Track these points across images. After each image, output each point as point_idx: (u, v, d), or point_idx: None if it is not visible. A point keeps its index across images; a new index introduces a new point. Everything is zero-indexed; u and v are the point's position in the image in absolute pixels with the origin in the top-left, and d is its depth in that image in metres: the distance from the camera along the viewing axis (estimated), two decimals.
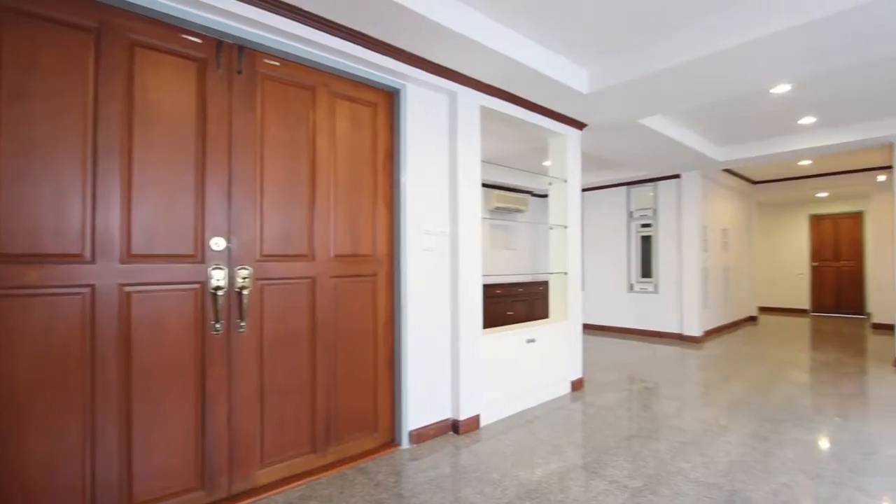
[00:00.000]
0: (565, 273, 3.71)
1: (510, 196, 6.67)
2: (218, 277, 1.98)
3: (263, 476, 2.14)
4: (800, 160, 5.82)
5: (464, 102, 2.88)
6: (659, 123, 4.11)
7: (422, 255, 2.73)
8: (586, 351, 5.26)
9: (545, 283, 6.59)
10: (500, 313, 5.97)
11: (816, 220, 8.95)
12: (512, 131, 4.37)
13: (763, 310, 9.22)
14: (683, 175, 6.04)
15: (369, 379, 2.55)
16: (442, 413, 2.83)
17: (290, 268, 2.24)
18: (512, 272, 6.87)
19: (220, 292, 1.98)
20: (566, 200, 3.70)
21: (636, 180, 6.49)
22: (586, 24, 2.58)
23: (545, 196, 7.09)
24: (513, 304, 6.27)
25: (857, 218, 8.47)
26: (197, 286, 1.95)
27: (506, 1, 2.36)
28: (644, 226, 6.52)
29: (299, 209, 2.28)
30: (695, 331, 5.92)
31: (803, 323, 7.74)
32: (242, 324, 2.05)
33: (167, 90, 1.89)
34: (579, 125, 3.79)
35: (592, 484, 2.18)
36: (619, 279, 6.73)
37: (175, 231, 1.90)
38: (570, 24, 2.58)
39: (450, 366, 2.88)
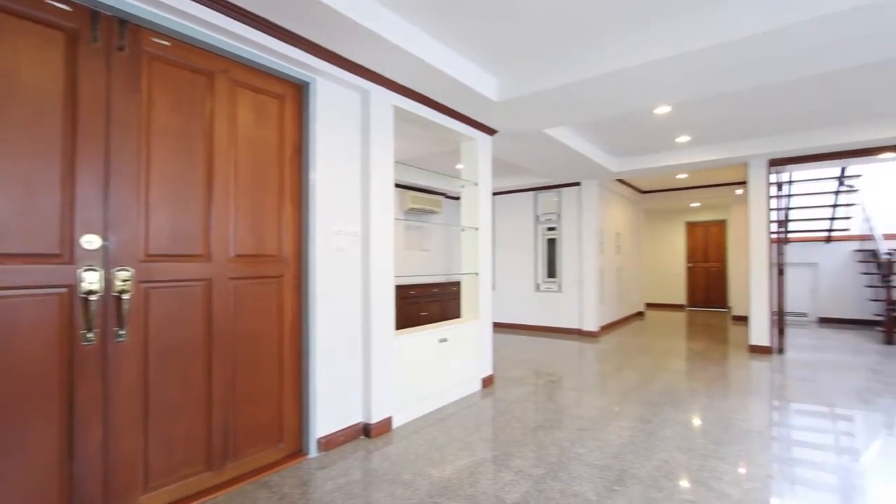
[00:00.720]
0: (476, 274, 3.83)
1: (425, 197, 6.73)
2: (91, 280, 1.74)
3: (147, 502, 1.91)
4: (677, 173, 6.61)
5: (377, 101, 2.85)
6: (562, 134, 4.41)
7: (332, 256, 2.64)
8: (497, 348, 5.47)
9: (458, 284, 6.74)
10: (414, 314, 5.99)
11: (691, 227, 10.23)
12: (426, 133, 4.42)
13: (649, 306, 10.31)
14: (583, 183, 6.56)
15: (274, 387, 2.41)
16: (353, 417, 2.77)
17: (182, 269, 2.04)
18: (426, 273, 6.93)
19: (92, 297, 1.74)
20: (477, 203, 3.83)
21: (543, 186, 6.91)
22: (496, 36, 2.69)
23: (459, 198, 7.27)
24: (427, 304, 6.33)
25: (721, 225, 9.83)
26: (63, 290, 1.70)
27: (422, 5, 2.38)
28: (549, 229, 6.96)
29: (194, 204, 2.08)
30: (592, 326, 6.44)
31: (680, 317, 8.79)
32: (122, 332, 1.82)
33: (26, 62, 1.62)
34: (490, 131, 3.94)
35: (500, 475, 2.27)
36: (527, 279, 7.10)
37: (34, 227, 1.63)
38: (482, 34, 2.67)
39: (361, 369, 2.82)
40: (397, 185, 6.43)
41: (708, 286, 9.97)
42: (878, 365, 4.66)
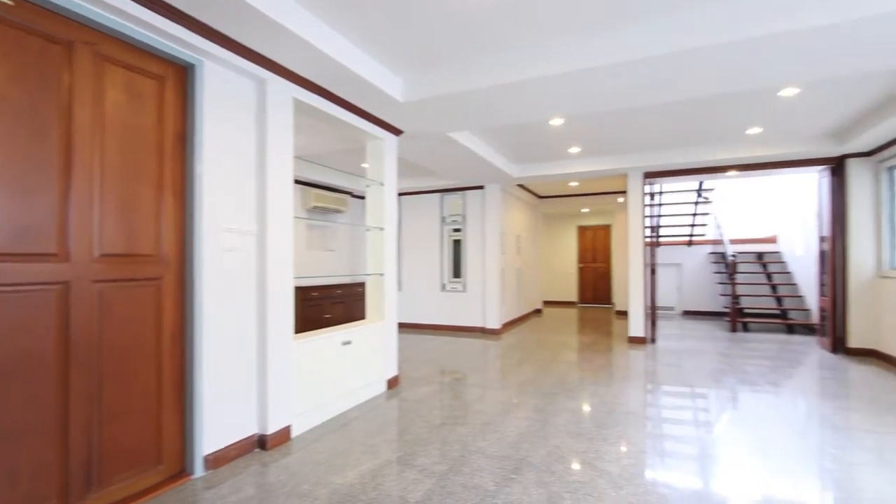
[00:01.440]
0: (382, 274, 3.79)
1: (330, 196, 6.51)
2: None
3: None
4: (570, 181, 7.18)
5: (275, 91, 2.68)
6: (466, 138, 4.55)
7: (223, 256, 2.43)
8: (403, 349, 5.47)
9: (364, 285, 6.61)
10: (317, 316, 5.76)
11: (582, 231, 11.18)
12: (331, 130, 4.27)
13: (546, 303, 11.06)
14: (487, 186, 6.83)
15: (150, 403, 2.15)
16: (246, 430, 2.57)
17: (28, 270, 1.73)
18: (330, 274, 6.69)
19: None
20: (383, 203, 3.79)
21: (448, 188, 7.06)
22: (399, 38, 2.69)
23: (365, 198, 7.15)
24: (331, 306, 6.12)
25: (607, 229, 10.89)
26: None
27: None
28: (455, 230, 7.14)
29: (44, 194, 1.78)
30: (495, 324, 6.73)
31: (573, 313, 9.56)
32: None
33: None
34: (396, 131, 3.92)
35: (404, 475, 2.27)
36: (434, 279, 7.20)
37: None
38: (386, 35, 2.65)
39: (256, 377, 2.63)
40: (300, 183, 6.13)
41: (596, 285, 10.97)
42: (726, 350, 5.50)
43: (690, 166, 5.58)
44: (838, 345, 5.21)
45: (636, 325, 5.94)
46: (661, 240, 9.06)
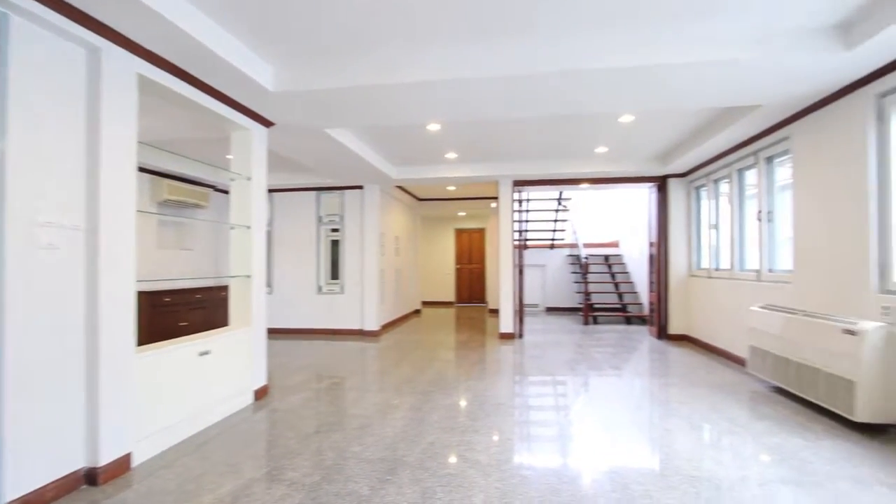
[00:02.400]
0: (248, 276, 3.48)
1: (186, 189, 5.79)
2: None
3: None
4: (448, 185, 7.45)
5: (112, 63, 2.29)
6: (345, 137, 4.43)
7: (37, 255, 1.99)
8: (274, 356, 5.10)
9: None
10: (170, 325, 5.08)
11: (459, 233, 11.68)
12: (191, 115, 3.80)
13: (425, 303, 11.30)
14: (366, 187, 6.74)
15: None
16: (70, 463, 2.14)
17: None
18: (188, 276, 5.96)
19: None
20: (250, 199, 3.49)
21: (326, 186, 6.80)
22: (270, 22, 2.50)
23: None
24: (188, 312, 5.45)
25: (481, 233, 11.54)
26: None
27: None
28: (333, 230, 6.90)
29: None
30: (374, 326, 6.66)
31: (450, 312, 9.93)
32: None
33: None
34: (266, 122, 3.65)
35: (270, 492, 2.10)
36: (309, 281, 6.86)
37: None
38: (254, 16, 2.44)
39: (85, 399, 2.21)
40: (149, 172, 5.34)
41: (472, 285, 11.55)
42: (580, 341, 6.21)
43: (552, 177, 6.19)
44: (662, 332, 6.25)
45: (506, 322, 6.39)
46: (528, 243, 9.91)
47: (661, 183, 6.18)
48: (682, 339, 6.11)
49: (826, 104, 3.31)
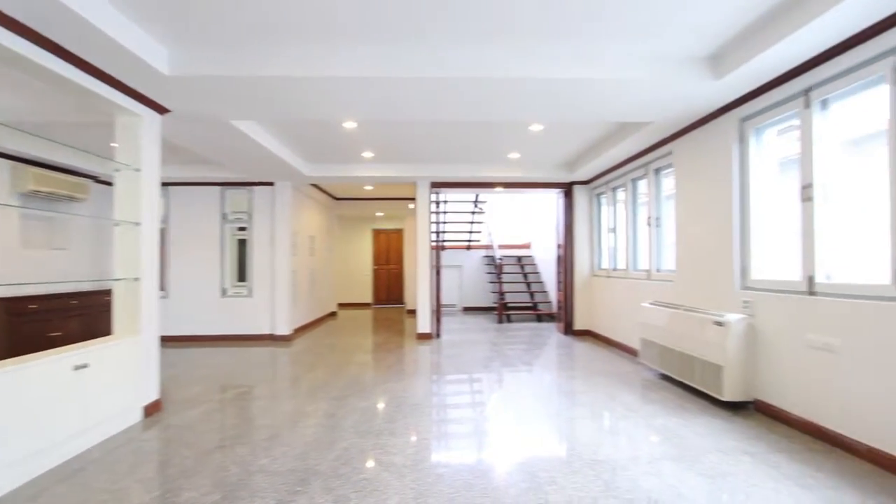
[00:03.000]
0: (137, 279, 3.13)
1: (59, 179, 5.05)
2: None
3: None
4: (365, 185, 7.32)
5: None
6: (253, 130, 4.16)
7: None
8: (170, 366, 4.64)
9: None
10: (38, 335, 4.40)
11: (377, 234, 11.54)
12: (67, 95, 3.31)
13: (341, 305, 11.00)
14: (277, 183, 6.38)
15: None
16: None
17: None
18: (59, 279, 5.19)
19: None
20: (139, 193, 3.14)
21: (231, 182, 6.33)
22: (172, 1, 2.28)
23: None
24: (62, 321, 4.76)
25: (399, 233, 11.51)
26: None
27: None
28: (240, 229, 6.44)
29: None
30: (285, 330, 6.33)
31: (368, 314, 9.77)
32: None
33: None
34: (161, 108, 3.31)
35: None
36: (213, 284, 6.34)
37: None
38: None
39: None
40: (10, 158, 4.57)
41: (389, 286, 11.46)
42: (494, 339, 6.45)
43: (469, 180, 6.35)
44: (568, 328, 6.70)
45: (424, 323, 6.42)
46: (445, 244, 10.08)
47: (568, 189, 6.63)
48: (586, 334, 6.60)
49: (702, 124, 3.78)
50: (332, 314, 9.34)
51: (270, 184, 6.39)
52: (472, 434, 2.83)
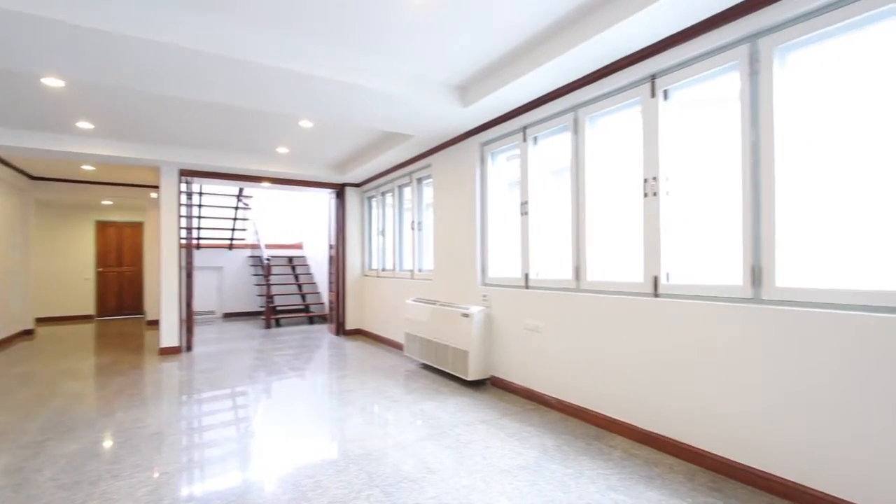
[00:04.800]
0: None
1: None
2: None
3: None
4: (82, 164, 5.74)
5: None
6: None
7: None
8: None
9: None
10: None
11: (102, 227, 9.16)
12: None
13: (43, 320, 8.33)
14: None
15: None
16: None
17: None
18: None
19: None
20: None
21: None
22: None
23: None
24: None
25: (138, 227, 9.44)
26: None
27: None
28: None
29: None
30: None
31: (88, 329, 7.65)
32: None
33: None
34: None
35: None
36: None
37: None
38: None
39: None
40: None
41: (122, 292, 9.28)
42: (261, 346, 5.96)
43: (230, 171, 5.70)
44: (340, 328, 6.75)
45: (169, 335, 5.44)
46: (200, 242, 8.78)
47: (340, 190, 6.68)
48: (357, 334, 6.78)
49: (455, 143, 4.37)
50: (27, 332, 6.98)
51: None
52: (234, 455, 2.54)
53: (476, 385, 3.85)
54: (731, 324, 2.17)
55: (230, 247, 9.06)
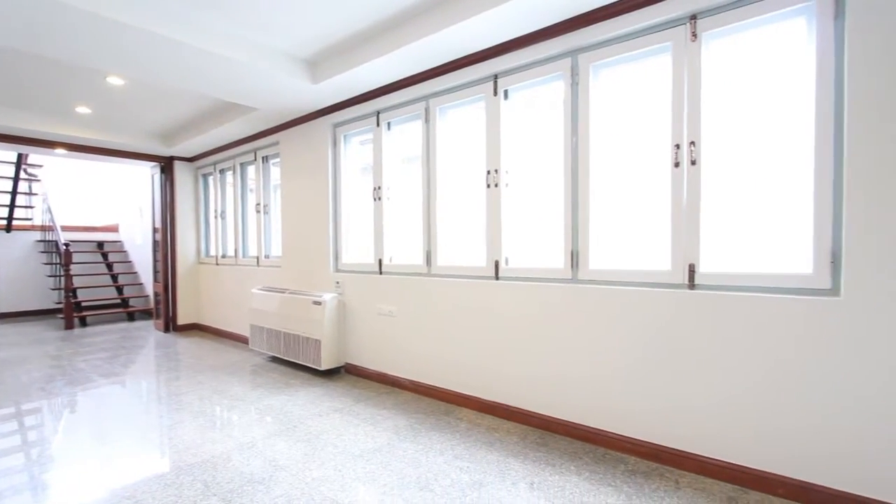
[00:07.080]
0: None
1: None
2: None
3: None
4: None
5: None
6: None
7: None
8: None
9: None
10: None
11: None
12: None
13: None
14: None
15: None
16: None
17: None
18: None
19: None
20: None
21: None
22: None
23: None
24: None
25: None
26: None
27: None
28: None
29: None
30: None
31: None
32: None
33: None
34: None
35: None
36: None
37: None
38: None
39: None
40: None
41: None
42: (58, 351, 4.87)
43: (6, 132, 4.46)
44: (170, 324, 5.90)
45: None
46: None
47: (167, 164, 5.76)
48: (193, 329, 6.01)
49: (305, 121, 4.11)
50: None
51: None
52: (21, 490, 2.04)
53: (330, 374, 3.77)
54: (555, 301, 2.51)
55: (7, 229, 7.14)
